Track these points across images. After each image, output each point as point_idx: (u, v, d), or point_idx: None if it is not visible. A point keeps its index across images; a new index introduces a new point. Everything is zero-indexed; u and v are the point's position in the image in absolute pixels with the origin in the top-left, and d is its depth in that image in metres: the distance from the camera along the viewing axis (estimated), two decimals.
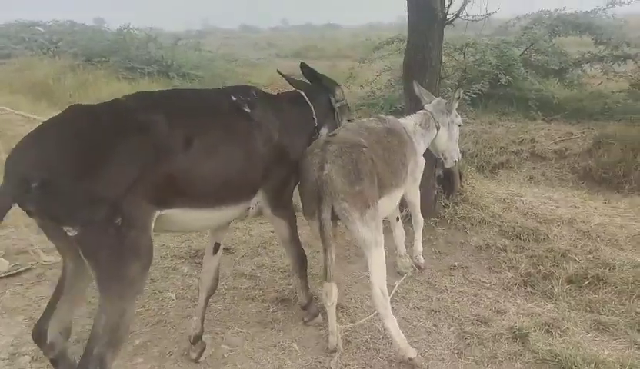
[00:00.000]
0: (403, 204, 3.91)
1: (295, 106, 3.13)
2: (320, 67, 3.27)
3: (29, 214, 2.10)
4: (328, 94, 3.31)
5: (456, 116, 3.81)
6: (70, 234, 2.02)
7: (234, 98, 2.76)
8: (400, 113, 8.15)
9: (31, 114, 6.83)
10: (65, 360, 2.50)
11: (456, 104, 3.79)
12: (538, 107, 7.84)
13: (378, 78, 9.40)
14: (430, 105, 3.77)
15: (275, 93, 3.35)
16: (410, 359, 2.90)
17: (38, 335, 2.40)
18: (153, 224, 2.28)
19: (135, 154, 2.17)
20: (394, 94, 8.87)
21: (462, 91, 3.92)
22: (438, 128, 3.72)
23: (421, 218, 3.97)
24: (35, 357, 2.93)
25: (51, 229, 2.23)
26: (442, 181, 4.62)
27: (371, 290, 2.87)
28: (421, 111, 3.78)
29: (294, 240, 3.14)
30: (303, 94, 3.21)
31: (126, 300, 2.16)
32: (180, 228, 2.86)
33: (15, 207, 2.06)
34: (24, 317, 3.33)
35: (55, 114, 2.28)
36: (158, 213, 2.29)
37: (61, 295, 2.42)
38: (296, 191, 3.10)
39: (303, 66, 3.33)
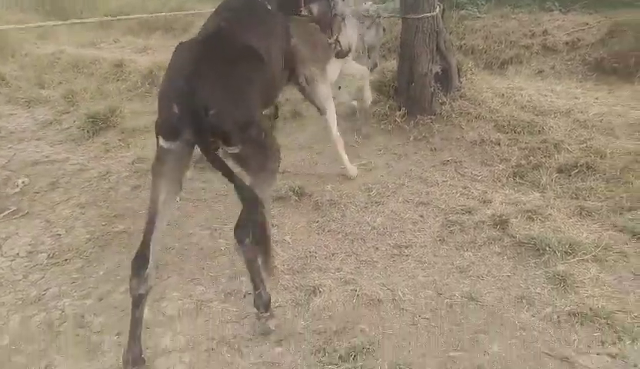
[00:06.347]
0: None
1: None
2: None
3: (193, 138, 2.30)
4: None
5: None
6: (231, 152, 2.38)
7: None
8: None
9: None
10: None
11: None
12: None
13: None
14: None
15: None
16: (352, 177, 3.95)
17: (240, 234, 2.46)
18: None
19: (259, 78, 2.56)
20: None
21: None
22: None
23: None
24: (50, 255, 3.25)
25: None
26: (440, 78, 4.56)
27: (330, 134, 3.90)
28: None
29: None
30: None
31: (270, 187, 2.70)
32: None
33: None
34: (40, 220, 3.63)
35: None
36: None
37: None
38: None
39: None
